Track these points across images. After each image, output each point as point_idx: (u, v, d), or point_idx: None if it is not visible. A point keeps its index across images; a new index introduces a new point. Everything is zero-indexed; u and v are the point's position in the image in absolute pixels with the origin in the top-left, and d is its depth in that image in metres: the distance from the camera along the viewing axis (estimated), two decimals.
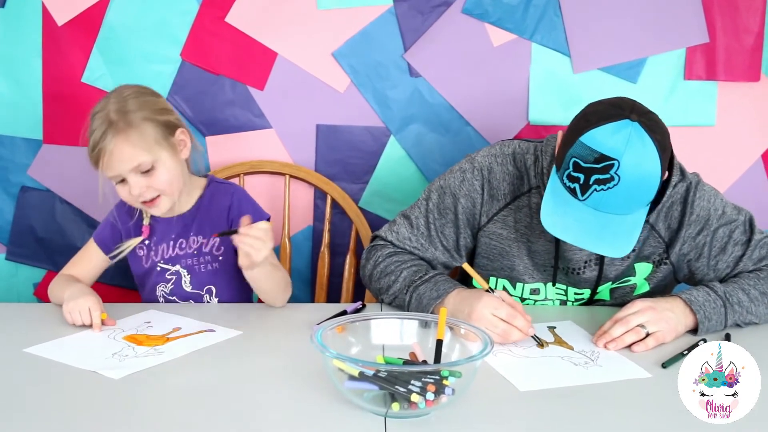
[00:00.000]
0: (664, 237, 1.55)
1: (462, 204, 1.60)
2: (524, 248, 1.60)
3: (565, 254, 1.57)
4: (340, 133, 2.06)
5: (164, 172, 1.56)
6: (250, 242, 1.43)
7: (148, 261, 1.68)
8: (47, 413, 1.13)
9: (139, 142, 1.53)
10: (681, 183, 1.54)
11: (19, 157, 2.06)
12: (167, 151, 1.57)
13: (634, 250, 1.55)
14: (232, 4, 1.98)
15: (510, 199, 1.58)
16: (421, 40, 2.00)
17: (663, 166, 1.37)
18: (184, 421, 1.11)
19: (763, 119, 2.02)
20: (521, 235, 1.59)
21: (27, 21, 1.98)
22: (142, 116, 1.55)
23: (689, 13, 1.97)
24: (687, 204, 1.52)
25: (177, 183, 1.59)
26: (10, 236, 2.10)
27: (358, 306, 1.59)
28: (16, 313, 1.59)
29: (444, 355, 1.19)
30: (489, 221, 1.60)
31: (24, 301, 2.12)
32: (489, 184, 1.59)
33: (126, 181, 1.55)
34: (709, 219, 1.53)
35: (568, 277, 1.61)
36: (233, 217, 1.65)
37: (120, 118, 1.53)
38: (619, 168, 1.33)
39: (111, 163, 1.53)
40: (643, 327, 1.38)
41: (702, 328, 1.42)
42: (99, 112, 1.55)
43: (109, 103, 1.56)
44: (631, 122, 1.34)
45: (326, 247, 2.05)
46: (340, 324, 1.23)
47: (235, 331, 1.45)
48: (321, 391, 1.17)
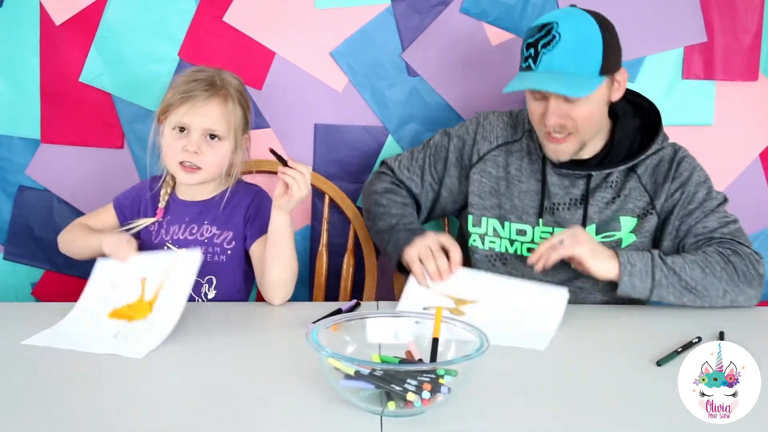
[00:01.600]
0: (649, 189, 1.65)
1: (454, 143, 1.78)
2: (514, 189, 1.70)
3: (551, 188, 1.67)
4: (338, 132, 2.06)
5: (221, 152, 1.65)
6: (294, 174, 1.49)
7: (157, 237, 1.70)
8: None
9: (229, 114, 1.64)
10: (669, 146, 1.68)
11: (16, 157, 2.06)
12: (235, 140, 1.67)
13: (619, 196, 1.65)
14: (230, 4, 1.98)
15: (501, 141, 1.74)
16: (419, 40, 2.00)
17: (602, 33, 1.54)
18: (178, 418, 1.11)
19: (761, 118, 2.02)
20: (512, 176, 1.71)
21: (25, 20, 1.98)
22: (240, 98, 1.68)
23: (687, 12, 1.97)
24: (674, 162, 1.65)
25: (220, 168, 1.67)
26: (8, 236, 2.10)
27: (353, 304, 1.58)
28: (14, 313, 1.59)
29: (440, 354, 1.19)
30: (479, 160, 1.74)
31: (22, 300, 2.11)
32: (482, 128, 1.76)
33: (188, 134, 1.62)
34: (690, 179, 1.63)
35: (554, 216, 1.67)
36: (251, 214, 1.68)
37: (224, 86, 1.65)
38: (558, 27, 1.52)
39: (195, 113, 1.61)
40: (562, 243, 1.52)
41: (624, 272, 1.49)
42: (199, 71, 1.67)
43: (213, 72, 1.67)
44: (572, 6, 1.59)
45: (324, 246, 2.05)
46: (336, 323, 1.23)
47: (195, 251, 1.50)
48: (316, 390, 1.17)
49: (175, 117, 1.62)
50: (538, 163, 1.70)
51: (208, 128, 1.62)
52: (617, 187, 1.67)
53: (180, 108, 1.61)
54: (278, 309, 1.59)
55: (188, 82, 1.63)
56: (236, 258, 1.68)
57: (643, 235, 1.66)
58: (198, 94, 1.61)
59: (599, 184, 1.67)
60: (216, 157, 1.64)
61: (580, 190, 1.67)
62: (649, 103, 1.73)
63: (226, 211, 1.70)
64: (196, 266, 1.46)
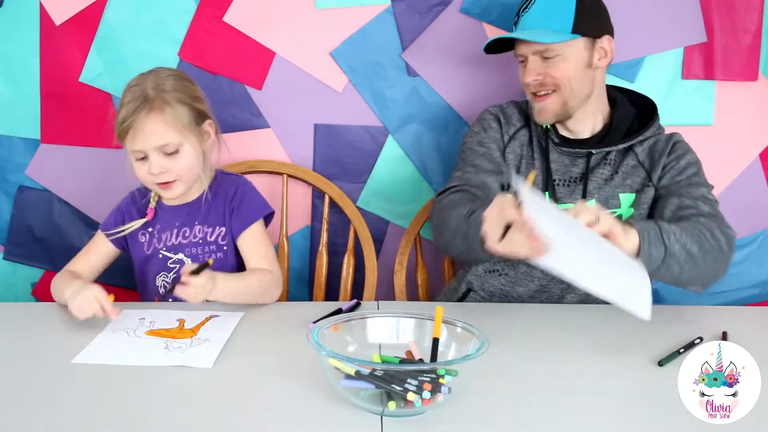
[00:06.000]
0: (645, 165, 1.69)
1: (487, 134, 1.76)
2: (527, 168, 1.74)
3: (552, 165, 1.71)
4: (338, 132, 2.06)
5: (186, 157, 1.60)
6: (188, 292, 1.43)
7: (150, 248, 1.68)
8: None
9: (171, 122, 1.56)
10: (667, 133, 1.73)
11: (16, 157, 2.06)
12: (194, 137, 1.61)
13: (618, 173, 1.69)
14: (230, 4, 1.98)
15: (520, 125, 1.77)
16: (419, 40, 2.00)
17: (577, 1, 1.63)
18: (178, 419, 1.10)
19: (761, 118, 2.02)
20: (526, 156, 1.75)
21: (25, 20, 1.98)
22: (178, 97, 1.58)
23: (687, 12, 1.97)
24: (670, 142, 1.70)
25: (195, 171, 1.63)
26: (8, 236, 2.10)
27: (353, 304, 1.58)
28: (15, 313, 1.59)
29: (440, 354, 1.19)
30: (510, 140, 1.76)
31: (22, 300, 2.12)
32: (503, 113, 1.79)
33: (147, 159, 1.57)
34: (684, 156, 1.67)
35: (555, 192, 1.70)
36: (235, 206, 1.66)
37: (157, 95, 1.56)
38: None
39: (139, 137, 1.55)
40: None
41: (644, 239, 1.39)
42: (135, 86, 1.58)
43: (147, 80, 1.59)
44: None
45: (324, 246, 2.05)
46: (337, 322, 1.23)
47: (238, 314, 1.50)
48: (317, 390, 1.17)
49: (128, 146, 1.59)
50: (542, 146, 1.74)
51: (159, 146, 1.57)
52: (615, 165, 1.70)
53: (126, 137, 1.57)
54: (278, 309, 1.59)
55: (125, 104, 1.57)
56: (231, 253, 1.68)
57: (641, 208, 1.69)
58: (135, 117, 1.54)
59: (598, 163, 1.71)
60: (184, 164, 1.60)
61: (579, 168, 1.71)
62: (645, 99, 1.78)
63: (212, 207, 1.68)
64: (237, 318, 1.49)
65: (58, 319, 1.50)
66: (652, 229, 1.43)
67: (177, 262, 1.67)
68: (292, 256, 2.08)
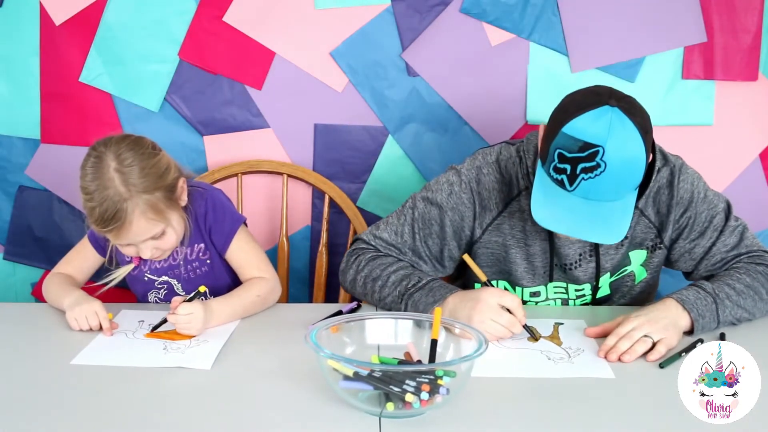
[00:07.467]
0: (654, 222, 1.57)
1: (449, 216, 1.57)
2: (521, 252, 1.59)
3: (560, 250, 1.57)
4: (338, 132, 2.05)
5: (173, 233, 1.55)
6: (181, 323, 1.42)
7: (135, 270, 1.66)
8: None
9: (153, 215, 1.49)
10: (665, 167, 1.56)
11: (16, 157, 2.06)
12: (175, 213, 1.54)
13: (627, 237, 1.56)
14: (229, 4, 1.98)
15: (502, 207, 1.57)
16: (419, 40, 2.00)
17: (647, 148, 1.38)
18: (177, 420, 1.11)
19: (761, 118, 2.02)
20: (517, 240, 1.59)
21: (25, 20, 1.98)
22: (151, 187, 1.48)
23: (687, 12, 1.97)
24: (673, 188, 1.55)
25: (180, 234, 1.57)
26: (8, 236, 2.10)
27: (354, 306, 1.58)
28: (15, 313, 1.59)
29: (439, 355, 1.19)
30: (484, 232, 1.59)
31: (22, 300, 2.12)
32: (479, 196, 1.57)
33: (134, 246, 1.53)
34: (693, 201, 1.55)
35: (566, 274, 1.61)
36: (210, 224, 1.62)
37: (131, 195, 1.46)
38: (604, 154, 1.33)
39: (124, 237, 1.49)
40: (648, 337, 1.35)
41: (697, 326, 1.42)
42: (105, 189, 1.45)
43: (113, 202, 1.45)
44: (611, 108, 1.34)
45: (324, 246, 2.05)
46: (335, 324, 1.23)
47: None
48: (316, 391, 1.17)
49: (111, 239, 1.53)
50: None
51: (146, 239, 1.51)
52: None
53: (109, 236, 1.51)
54: (278, 311, 1.59)
55: (97, 222, 1.47)
56: (217, 263, 1.66)
57: (653, 270, 1.62)
58: (117, 224, 1.46)
59: None
60: (172, 240, 1.55)
61: (587, 242, 1.56)
62: None
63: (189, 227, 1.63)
64: None
65: (58, 319, 1.50)
66: (707, 309, 1.43)
67: (164, 283, 1.66)
68: (292, 256, 2.08)
